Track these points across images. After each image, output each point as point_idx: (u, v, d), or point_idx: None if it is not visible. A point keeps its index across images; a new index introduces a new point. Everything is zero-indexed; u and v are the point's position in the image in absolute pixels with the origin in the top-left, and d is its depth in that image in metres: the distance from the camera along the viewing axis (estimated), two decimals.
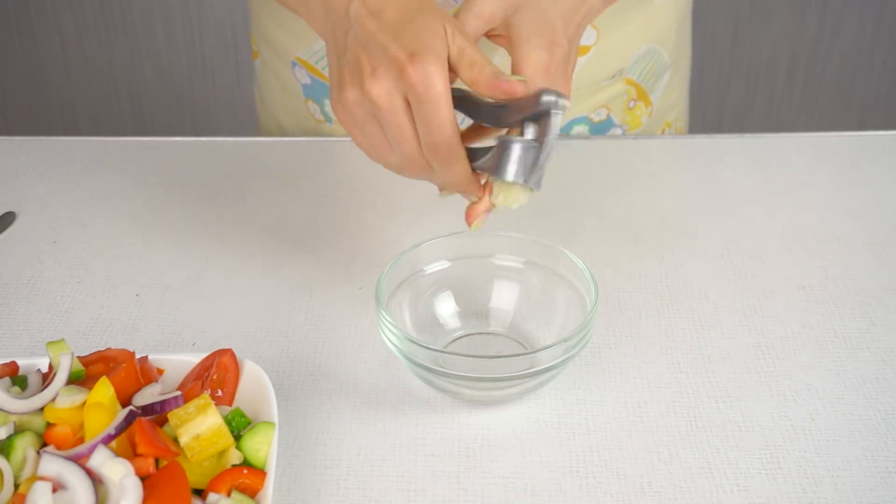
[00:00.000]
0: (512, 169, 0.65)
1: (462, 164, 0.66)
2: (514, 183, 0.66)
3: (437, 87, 0.62)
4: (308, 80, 1.04)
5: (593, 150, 1.02)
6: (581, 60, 0.97)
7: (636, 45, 1.02)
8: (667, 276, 0.85)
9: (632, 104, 1.05)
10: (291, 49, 1.03)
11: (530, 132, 0.65)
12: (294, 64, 1.04)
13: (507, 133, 0.67)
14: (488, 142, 0.68)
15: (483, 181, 0.69)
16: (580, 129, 1.05)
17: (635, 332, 0.79)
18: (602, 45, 0.97)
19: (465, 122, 0.70)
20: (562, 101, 0.63)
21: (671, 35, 1.05)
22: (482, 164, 0.67)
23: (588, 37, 0.95)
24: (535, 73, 0.66)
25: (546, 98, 0.63)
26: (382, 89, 0.64)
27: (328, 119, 1.05)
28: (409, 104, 0.64)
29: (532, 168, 0.66)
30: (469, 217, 0.69)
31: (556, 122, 0.64)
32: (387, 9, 0.65)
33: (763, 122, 2.38)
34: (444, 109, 0.63)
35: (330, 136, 1.06)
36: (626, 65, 1.02)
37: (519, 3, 0.68)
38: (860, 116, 2.39)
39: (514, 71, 0.67)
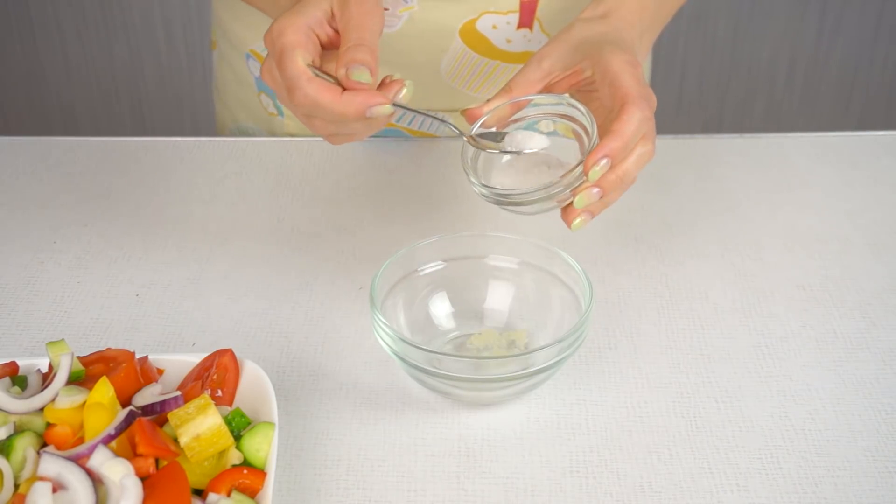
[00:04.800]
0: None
1: (306, 89, 0.67)
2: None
3: (287, 37, 0.68)
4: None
5: None
6: None
7: None
8: (667, 276, 0.85)
9: None
10: (247, 41, 1.03)
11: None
12: (248, 56, 1.04)
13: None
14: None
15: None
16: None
17: (635, 332, 0.79)
18: None
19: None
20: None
21: None
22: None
23: (540, 43, 0.94)
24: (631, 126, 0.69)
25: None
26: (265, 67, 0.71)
27: (280, 113, 1.05)
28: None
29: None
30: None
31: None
32: None
33: (763, 122, 2.38)
34: (288, 55, 0.68)
35: (281, 129, 1.06)
36: None
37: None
38: (860, 116, 2.38)
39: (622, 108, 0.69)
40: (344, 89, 0.68)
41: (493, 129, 0.73)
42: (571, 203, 0.68)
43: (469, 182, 0.71)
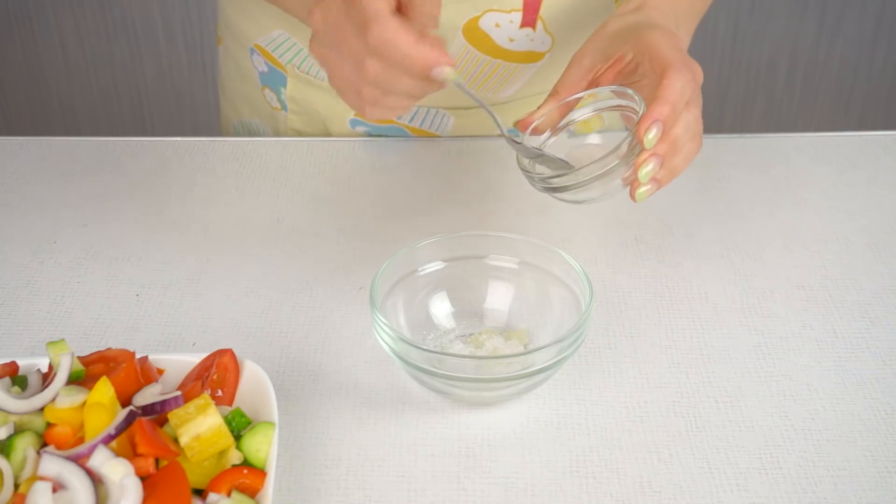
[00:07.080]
0: None
1: (387, 23, 0.63)
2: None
3: None
4: (265, 68, 1.04)
5: None
6: (534, 67, 0.97)
7: None
8: (667, 276, 0.85)
9: None
10: (251, 35, 1.03)
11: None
12: (252, 51, 1.04)
13: None
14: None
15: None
16: None
17: (635, 332, 0.79)
18: (557, 52, 0.96)
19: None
20: None
21: None
22: None
23: (543, 43, 0.95)
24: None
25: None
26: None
27: (284, 107, 1.05)
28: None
29: None
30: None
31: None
32: None
33: (763, 122, 2.38)
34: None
35: (285, 124, 1.06)
36: None
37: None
38: (860, 116, 2.38)
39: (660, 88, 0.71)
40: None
41: (545, 134, 0.76)
42: (637, 180, 0.70)
43: (526, 175, 0.74)
